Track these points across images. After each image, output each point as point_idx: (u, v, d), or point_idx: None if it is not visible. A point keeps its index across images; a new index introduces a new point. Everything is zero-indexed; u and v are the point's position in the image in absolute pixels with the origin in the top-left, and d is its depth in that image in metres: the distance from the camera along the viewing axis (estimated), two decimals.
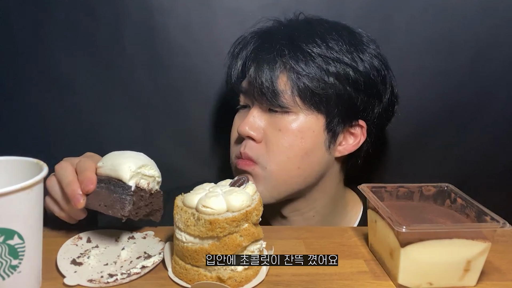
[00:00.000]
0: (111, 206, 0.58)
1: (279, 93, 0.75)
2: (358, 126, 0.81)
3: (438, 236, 0.52)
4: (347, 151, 0.81)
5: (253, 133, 0.78)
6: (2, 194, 0.43)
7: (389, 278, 0.56)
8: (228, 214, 0.51)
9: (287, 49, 0.76)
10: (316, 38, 0.77)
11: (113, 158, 0.61)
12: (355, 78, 0.77)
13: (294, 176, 0.78)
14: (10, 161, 0.52)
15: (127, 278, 0.53)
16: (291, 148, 0.76)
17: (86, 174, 0.59)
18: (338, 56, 0.76)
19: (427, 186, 0.64)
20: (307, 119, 0.77)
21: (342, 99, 0.77)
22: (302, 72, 0.75)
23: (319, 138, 0.78)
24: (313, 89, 0.75)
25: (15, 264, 0.46)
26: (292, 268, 0.57)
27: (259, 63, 0.77)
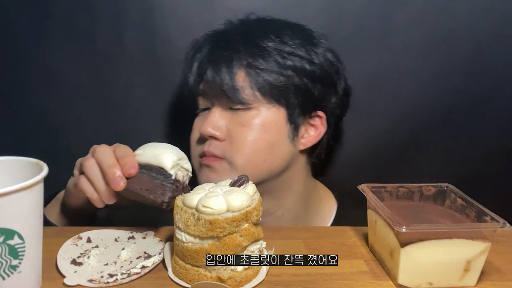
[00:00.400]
0: (152, 191, 0.61)
1: (239, 89, 0.77)
2: (317, 117, 0.83)
3: (438, 236, 0.52)
4: (310, 142, 0.83)
5: (216, 133, 0.78)
6: (2, 194, 0.43)
7: (389, 278, 0.56)
8: (228, 214, 0.51)
9: (242, 46, 0.78)
10: (270, 34, 0.79)
11: (153, 147, 0.65)
12: (311, 69, 0.79)
13: (261, 169, 0.79)
14: (10, 161, 0.52)
15: (127, 278, 0.53)
16: (256, 142, 0.77)
17: (128, 159, 0.62)
18: (293, 50, 0.78)
19: (427, 186, 0.64)
20: (269, 112, 0.78)
21: (300, 90, 0.79)
22: (260, 66, 0.77)
23: (282, 130, 0.79)
24: (272, 83, 0.77)
25: (15, 264, 0.46)
26: (292, 268, 0.57)
27: (216, 63, 0.78)
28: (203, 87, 0.82)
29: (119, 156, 0.63)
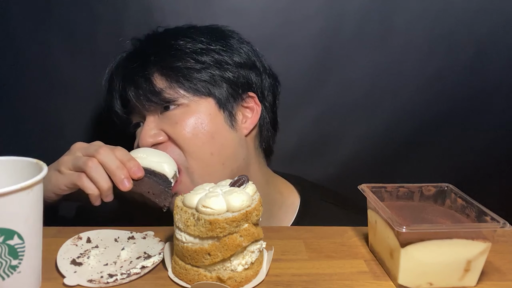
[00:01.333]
0: (158, 195, 0.68)
1: (160, 91, 0.77)
2: (249, 97, 0.83)
3: (438, 236, 0.52)
4: (251, 124, 0.83)
5: (157, 138, 0.78)
6: (2, 194, 0.43)
7: (389, 278, 0.56)
8: (228, 214, 0.51)
9: (154, 54, 0.79)
10: (180, 36, 0.80)
11: (154, 153, 0.71)
12: (230, 57, 0.81)
13: (213, 164, 0.78)
14: (10, 161, 0.52)
15: (127, 278, 0.53)
16: (196, 137, 0.77)
17: (134, 162, 0.66)
18: (208, 46, 0.80)
19: (427, 186, 0.64)
20: (199, 105, 0.78)
21: (224, 78, 0.80)
22: (175, 64, 0.77)
23: (218, 118, 0.79)
24: (191, 77, 0.78)
25: (15, 264, 0.46)
26: (292, 268, 0.57)
27: (133, 78, 0.79)
28: (130, 107, 0.82)
29: (124, 158, 0.66)
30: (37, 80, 0.98)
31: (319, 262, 0.59)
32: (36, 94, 0.99)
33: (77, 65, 0.98)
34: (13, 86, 0.99)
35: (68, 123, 1.01)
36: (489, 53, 0.99)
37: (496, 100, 1.01)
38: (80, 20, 0.96)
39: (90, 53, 0.98)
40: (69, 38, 0.97)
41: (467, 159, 1.04)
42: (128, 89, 0.80)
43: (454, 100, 1.01)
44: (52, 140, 1.01)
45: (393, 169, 1.04)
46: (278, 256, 0.59)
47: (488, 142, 1.03)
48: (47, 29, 0.96)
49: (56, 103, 0.99)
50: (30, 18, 0.95)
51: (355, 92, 0.91)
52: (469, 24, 0.97)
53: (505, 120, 1.02)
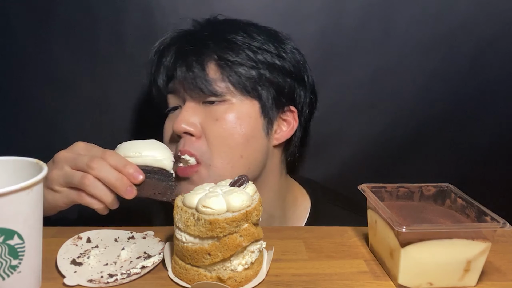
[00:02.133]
0: (164, 193, 0.66)
1: (211, 81, 0.76)
2: (289, 111, 0.83)
3: (438, 236, 0.52)
4: (283, 137, 0.83)
5: (190, 128, 0.76)
6: (2, 194, 0.43)
7: (389, 278, 0.56)
8: (228, 214, 0.51)
9: (211, 40, 0.78)
10: (238, 30, 0.79)
11: (146, 147, 0.66)
12: (281, 64, 0.80)
13: (239, 166, 0.77)
14: (10, 161, 0.52)
15: (127, 278, 0.53)
16: (232, 137, 0.76)
17: (130, 167, 0.62)
18: (262, 45, 0.79)
19: (427, 186, 0.64)
20: (243, 105, 0.77)
21: (272, 84, 0.79)
22: (230, 58, 0.77)
23: (257, 123, 0.79)
24: (244, 75, 0.77)
25: (15, 264, 0.46)
26: (292, 268, 0.57)
27: (185, 58, 0.78)
28: (174, 85, 0.80)
29: (119, 165, 0.62)
30: (37, 80, 0.98)
31: (319, 262, 0.59)
32: (36, 94, 0.99)
33: (77, 65, 0.98)
34: (13, 86, 0.99)
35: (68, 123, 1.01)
36: (489, 53, 0.99)
37: (496, 100, 1.01)
38: (80, 20, 0.96)
39: (90, 53, 0.98)
40: (69, 38, 0.97)
41: (467, 158, 1.04)
42: (178, 67, 0.78)
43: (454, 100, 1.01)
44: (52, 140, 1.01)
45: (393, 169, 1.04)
46: (278, 256, 0.59)
47: (488, 142, 1.03)
48: (47, 29, 0.96)
49: (56, 103, 0.99)
50: (30, 18, 0.95)
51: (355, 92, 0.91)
52: (469, 24, 0.97)
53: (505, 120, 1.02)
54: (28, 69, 0.98)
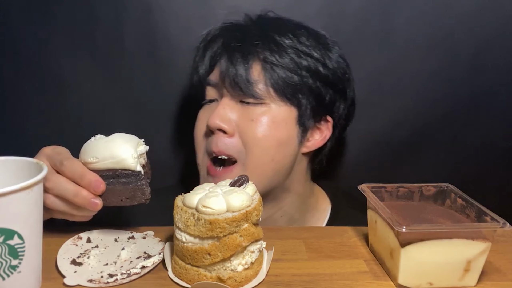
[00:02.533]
0: (133, 197, 0.59)
1: (253, 82, 0.75)
2: (325, 121, 0.82)
3: (438, 236, 0.52)
4: (314, 146, 0.82)
5: (224, 125, 0.76)
6: (2, 194, 0.43)
7: (389, 278, 0.56)
8: (228, 214, 0.51)
9: (259, 40, 0.77)
10: (287, 32, 0.78)
11: (106, 149, 0.58)
12: (325, 73, 0.79)
13: (268, 169, 0.77)
14: (10, 161, 0.52)
15: (127, 278, 0.53)
16: (266, 139, 0.76)
17: (89, 177, 0.56)
18: (309, 51, 0.78)
19: (427, 186, 0.64)
20: (280, 110, 0.77)
21: (313, 92, 0.78)
22: (276, 62, 0.76)
23: (292, 130, 0.78)
24: (287, 80, 0.76)
25: (15, 264, 0.46)
26: (292, 268, 0.57)
27: (231, 54, 0.77)
28: (214, 78, 0.80)
29: (76, 176, 0.56)
30: (37, 80, 0.98)
31: (319, 262, 0.59)
32: (36, 94, 0.99)
33: (77, 65, 0.98)
34: (13, 86, 0.99)
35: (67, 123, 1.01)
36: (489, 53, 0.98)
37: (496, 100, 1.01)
38: (80, 20, 0.96)
39: (90, 53, 0.97)
40: (69, 38, 0.96)
41: (467, 159, 1.04)
42: (222, 61, 0.78)
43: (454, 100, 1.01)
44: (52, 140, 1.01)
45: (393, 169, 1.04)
46: (278, 256, 0.59)
47: (488, 142, 1.03)
48: (47, 29, 0.96)
49: (56, 103, 0.99)
50: (30, 18, 0.95)
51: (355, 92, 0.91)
52: (469, 24, 0.97)
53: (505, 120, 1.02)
54: (28, 69, 0.98)
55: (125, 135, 0.61)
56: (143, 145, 0.61)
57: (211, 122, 0.76)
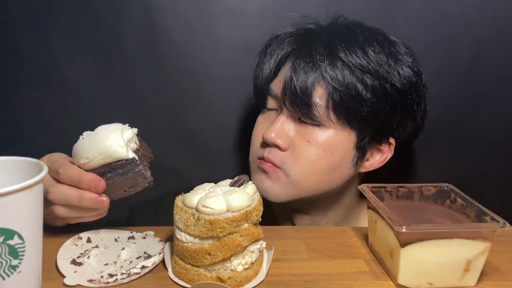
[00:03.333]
0: (135, 184, 0.59)
1: (313, 105, 0.72)
2: (387, 143, 0.79)
3: (438, 236, 0.52)
4: (372, 167, 0.80)
5: (279, 141, 0.75)
6: (2, 194, 0.43)
7: (389, 278, 0.56)
8: (228, 214, 0.51)
9: (326, 59, 0.72)
10: (356, 48, 0.73)
11: (94, 147, 0.57)
12: (393, 96, 0.74)
13: (316, 188, 0.77)
14: (10, 161, 0.52)
15: (127, 278, 0.53)
16: (319, 162, 0.74)
17: (86, 179, 0.56)
18: (377, 68, 0.73)
19: (427, 186, 0.64)
20: (339, 134, 0.74)
21: (377, 118, 0.74)
22: (340, 87, 0.71)
23: (348, 154, 0.76)
24: (350, 105, 0.72)
25: (15, 264, 0.46)
26: (292, 268, 0.57)
27: (295, 70, 0.73)
28: (276, 88, 0.77)
29: (74, 181, 0.56)
30: (37, 80, 0.98)
31: (319, 262, 0.59)
32: (36, 94, 0.99)
33: (77, 65, 0.98)
34: (13, 86, 0.99)
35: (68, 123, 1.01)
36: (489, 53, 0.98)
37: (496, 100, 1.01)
38: (80, 20, 0.96)
39: (90, 53, 0.97)
40: (69, 38, 0.96)
41: (467, 159, 1.04)
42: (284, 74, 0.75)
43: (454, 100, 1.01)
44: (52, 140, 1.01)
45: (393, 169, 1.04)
46: (278, 256, 0.59)
47: (488, 142, 1.03)
48: (47, 29, 0.96)
49: (56, 103, 0.99)
50: (30, 18, 0.95)
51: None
52: (469, 24, 0.97)
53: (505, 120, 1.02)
54: (28, 69, 0.98)
55: (108, 126, 0.60)
56: (129, 129, 0.60)
57: (267, 136, 0.75)
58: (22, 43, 0.96)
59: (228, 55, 0.97)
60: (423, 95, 0.80)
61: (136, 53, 0.97)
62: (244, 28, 0.93)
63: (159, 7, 0.96)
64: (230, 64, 0.98)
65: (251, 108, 0.99)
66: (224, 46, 0.97)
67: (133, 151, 0.59)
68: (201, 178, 0.69)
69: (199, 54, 0.98)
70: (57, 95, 0.99)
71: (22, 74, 0.98)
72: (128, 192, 0.59)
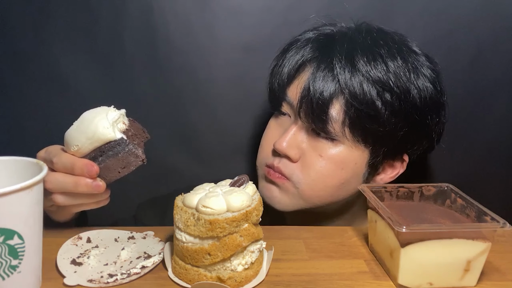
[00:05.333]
0: (128, 164, 0.58)
1: (329, 120, 0.70)
2: (400, 159, 0.77)
3: (438, 236, 0.52)
4: (383, 181, 0.78)
5: (291, 153, 0.73)
6: (2, 194, 0.43)
7: (389, 278, 0.56)
8: (228, 214, 0.51)
9: (346, 72, 0.69)
10: (379, 62, 0.69)
11: (81, 133, 0.57)
12: (412, 116, 0.71)
13: (324, 201, 0.76)
14: (10, 161, 0.52)
15: (127, 278, 0.53)
16: (330, 177, 0.73)
17: (79, 165, 0.56)
18: (395, 80, 0.69)
19: (427, 186, 0.64)
20: (352, 151, 0.72)
21: (393, 137, 0.72)
22: (359, 104, 0.68)
23: (360, 170, 0.75)
24: (367, 124, 0.70)
25: (15, 264, 0.46)
26: (292, 268, 0.57)
27: (314, 80, 0.70)
28: (292, 96, 0.75)
29: (68, 168, 0.57)
30: (37, 80, 0.98)
31: (319, 262, 0.59)
32: (36, 94, 0.99)
33: (77, 65, 0.98)
34: (13, 86, 0.99)
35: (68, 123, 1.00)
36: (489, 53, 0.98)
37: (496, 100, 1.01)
38: (80, 20, 0.96)
39: (90, 53, 0.97)
40: (69, 38, 0.96)
41: (467, 159, 1.04)
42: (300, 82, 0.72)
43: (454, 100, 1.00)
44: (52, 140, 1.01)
45: None
46: (278, 256, 0.59)
47: (488, 142, 1.03)
48: (47, 29, 0.96)
49: (56, 103, 0.99)
50: (30, 17, 0.95)
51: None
52: (469, 24, 0.97)
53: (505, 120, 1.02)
54: (28, 68, 0.98)
55: (92, 111, 0.59)
56: (115, 111, 0.59)
57: (278, 145, 0.73)
58: (22, 43, 0.96)
59: (228, 55, 0.97)
60: (443, 114, 0.78)
61: (136, 53, 0.97)
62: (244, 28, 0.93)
63: (159, 7, 0.95)
64: (230, 64, 0.98)
65: (251, 108, 0.99)
66: (224, 46, 0.97)
67: (121, 132, 0.58)
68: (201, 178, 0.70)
69: (199, 54, 0.98)
70: (57, 95, 0.99)
71: (22, 74, 0.98)
72: (122, 173, 0.58)
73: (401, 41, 0.75)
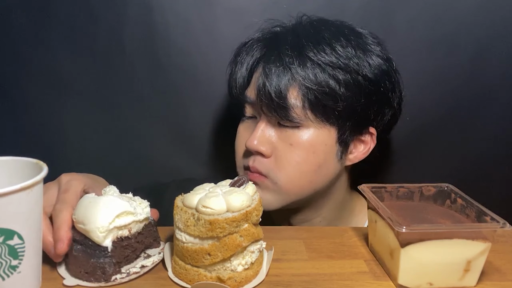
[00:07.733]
0: (92, 273, 0.52)
1: (289, 107, 0.73)
2: (368, 133, 0.79)
3: (438, 236, 0.52)
4: (357, 159, 0.80)
5: (262, 149, 0.75)
6: (2, 194, 0.43)
7: (389, 278, 0.56)
8: (228, 214, 0.51)
9: (296, 60, 0.73)
10: (324, 45, 0.74)
11: (84, 210, 0.53)
12: (366, 87, 0.74)
13: (306, 189, 0.78)
14: (10, 161, 0.52)
15: (127, 277, 0.53)
16: (304, 163, 0.75)
17: (58, 234, 0.52)
18: (347, 62, 0.73)
19: (427, 186, 0.64)
20: (319, 132, 0.75)
21: (354, 110, 0.74)
22: (313, 85, 0.72)
23: (332, 150, 0.76)
24: (325, 102, 0.73)
25: (15, 264, 0.46)
26: (292, 268, 0.57)
27: (267, 76, 0.74)
28: (251, 95, 0.78)
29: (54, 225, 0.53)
30: (37, 80, 0.98)
31: (319, 262, 0.59)
32: (36, 94, 0.99)
33: (77, 65, 0.98)
34: (13, 86, 0.99)
35: (68, 123, 1.01)
36: (489, 53, 0.98)
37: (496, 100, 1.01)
38: (80, 20, 0.96)
39: (90, 53, 0.97)
40: (69, 38, 0.96)
41: (467, 159, 1.04)
42: (256, 80, 0.76)
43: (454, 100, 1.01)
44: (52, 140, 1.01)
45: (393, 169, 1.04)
46: (278, 256, 0.59)
47: (488, 142, 1.03)
48: (47, 29, 0.96)
49: (56, 103, 0.99)
50: (30, 18, 0.95)
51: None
52: (469, 24, 0.97)
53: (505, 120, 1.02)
54: (28, 69, 0.98)
55: (111, 200, 0.54)
56: (133, 214, 0.54)
57: (249, 144, 0.76)
58: (22, 43, 0.96)
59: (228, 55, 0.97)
60: (397, 81, 0.81)
61: (136, 53, 0.97)
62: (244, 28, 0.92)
63: (159, 7, 0.96)
64: None
65: None
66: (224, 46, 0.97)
67: (115, 238, 0.53)
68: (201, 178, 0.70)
69: (199, 54, 0.98)
70: (57, 95, 0.99)
71: (22, 74, 0.98)
72: (82, 276, 0.52)
73: (342, 25, 0.80)
